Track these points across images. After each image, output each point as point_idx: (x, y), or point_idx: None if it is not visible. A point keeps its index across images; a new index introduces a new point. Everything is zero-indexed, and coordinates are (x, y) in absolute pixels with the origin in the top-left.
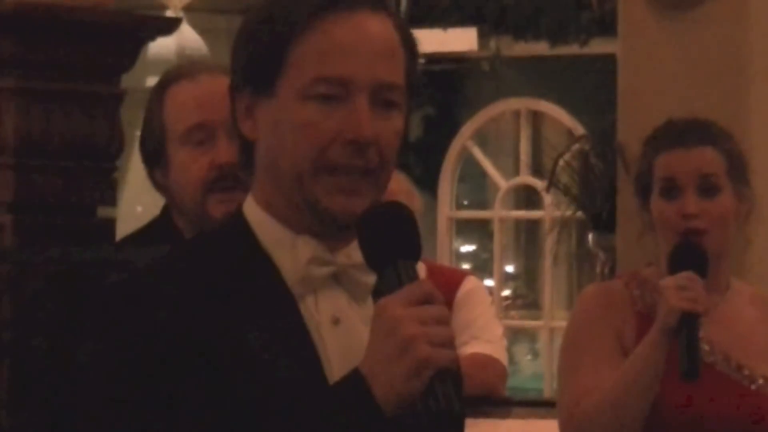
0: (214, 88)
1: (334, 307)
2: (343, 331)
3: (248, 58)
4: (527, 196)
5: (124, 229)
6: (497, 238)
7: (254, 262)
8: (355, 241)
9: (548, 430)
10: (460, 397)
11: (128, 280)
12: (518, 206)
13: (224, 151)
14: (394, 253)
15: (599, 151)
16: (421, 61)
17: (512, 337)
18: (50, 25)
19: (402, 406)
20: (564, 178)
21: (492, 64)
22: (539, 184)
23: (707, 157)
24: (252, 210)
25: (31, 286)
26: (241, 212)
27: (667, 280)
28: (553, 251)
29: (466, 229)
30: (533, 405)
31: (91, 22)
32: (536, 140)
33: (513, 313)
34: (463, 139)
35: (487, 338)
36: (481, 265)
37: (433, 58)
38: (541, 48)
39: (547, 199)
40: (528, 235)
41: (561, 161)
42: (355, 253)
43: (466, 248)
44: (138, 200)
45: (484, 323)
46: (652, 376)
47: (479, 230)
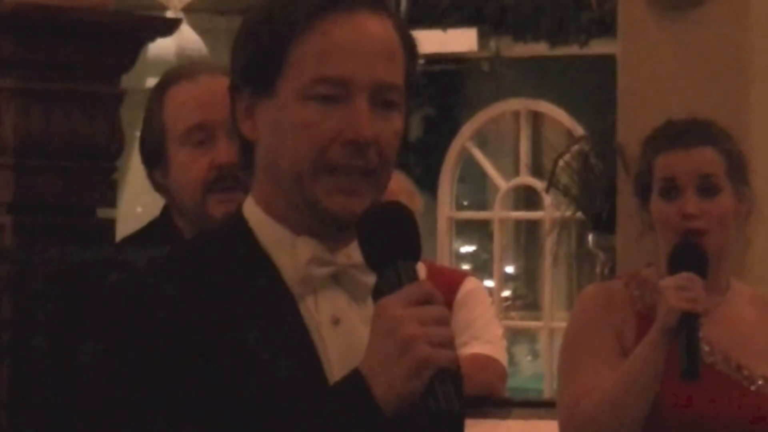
0: (214, 89)
1: (334, 308)
2: (343, 332)
3: (248, 59)
4: (527, 197)
5: (124, 229)
6: (497, 239)
7: (254, 263)
8: (355, 242)
9: (548, 430)
10: (460, 397)
11: (128, 280)
12: (518, 207)
13: (224, 152)
14: (394, 253)
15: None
16: (421, 61)
17: (512, 338)
18: (50, 26)
19: (402, 406)
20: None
21: (492, 65)
22: (539, 185)
23: (707, 158)
24: (252, 210)
25: (31, 286)
26: (240, 212)
27: (667, 281)
28: (553, 252)
29: (466, 229)
30: (533, 405)
31: (91, 23)
32: (536, 141)
33: (513, 314)
34: (463, 140)
35: (487, 339)
36: (481, 266)
37: (433, 59)
38: (541, 48)
39: (547, 199)
40: (528, 236)
41: (561, 162)
42: (355, 254)
43: (466, 249)
44: (138, 201)
45: (484, 324)
46: (652, 376)
47: (479, 231)
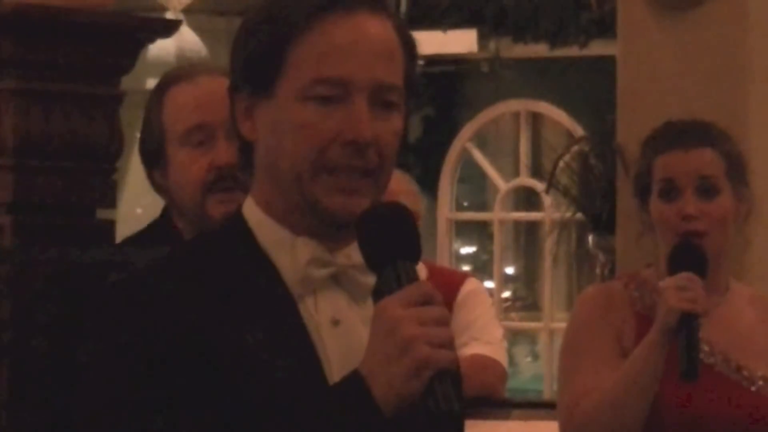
0: (214, 90)
1: (334, 308)
2: (343, 332)
3: (247, 59)
4: (527, 198)
5: (124, 230)
6: (497, 240)
7: (254, 263)
8: (355, 242)
9: (548, 431)
10: (460, 397)
11: (128, 280)
12: (518, 208)
13: (223, 152)
14: (394, 254)
15: (599, 152)
16: (421, 62)
17: (512, 339)
18: (50, 27)
19: (401, 407)
20: (564, 180)
21: (492, 66)
22: (539, 186)
23: (706, 159)
24: (251, 211)
25: (30, 286)
26: (240, 213)
27: (667, 281)
28: (553, 252)
29: (465, 230)
30: (533, 406)
31: (90, 24)
32: (536, 142)
33: (513, 315)
34: (463, 141)
35: (487, 339)
36: (481, 267)
37: (433, 60)
38: (541, 49)
39: (547, 200)
40: (528, 237)
41: (560, 162)
42: (354, 254)
43: (466, 250)
44: (138, 202)
45: (484, 325)
46: (652, 376)
47: (479, 232)
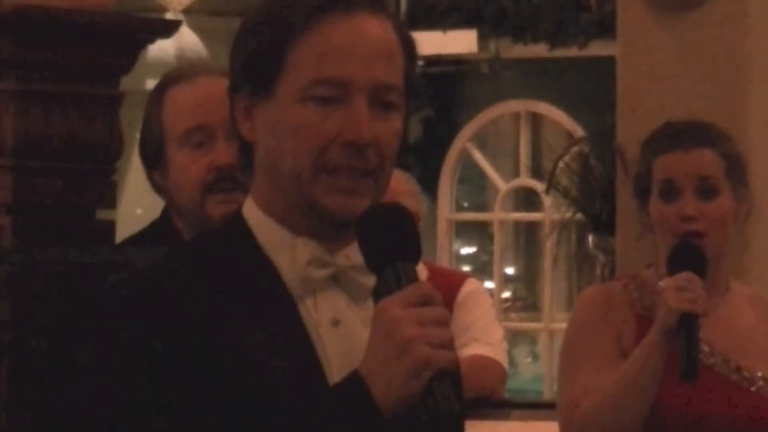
0: (213, 90)
1: (334, 309)
2: (343, 333)
3: (247, 60)
4: (527, 198)
5: (124, 231)
6: (497, 240)
7: (253, 264)
8: (355, 243)
9: (548, 431)
10: (460, 398)
11: (127, 281)
12: (518, 208)
13: (223, 153)
14: (394, 255)
15: (599, 153)
16: (421, 63)
17: (512, 339)
18: (49, 27)
19: (401, 407)
20: (563, 180)
21: (491, 66)
22: (539, 186)
23: (706, 159)
24: (251, 211)
25: (30, 287)
26: (240, 213)
27: (667, 281)
28: (553, 253)
29: (465, 231)
30: (533, 407)
31: (90, 24)
32: (536, 142)
33: (513, 315)
34: (463, 141)
35: (487, 340)
36: (481, 267)
37: (433, 60)
38: (541, 50)
39: (547, 201)
40: (528, 237)
41: (560, 163)
42: (354, 255)
43: (466, 250)
44: (138, 202)
45: (484, 325)
46: (652, 376)
47: (479, 232)
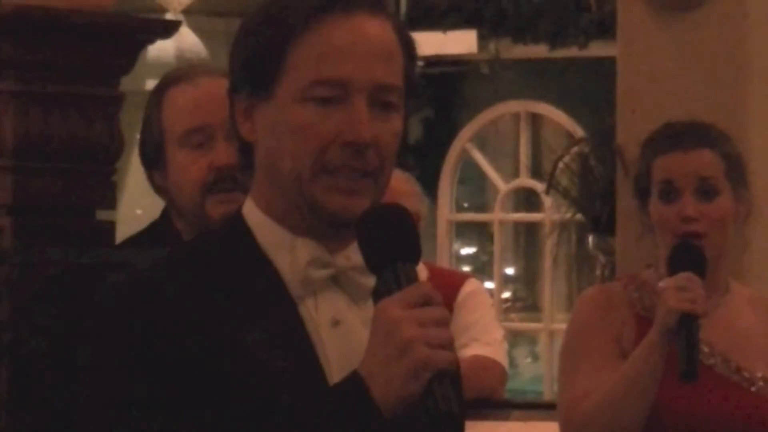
0: (213, 91)
1: (334, 309)
2: (343, 333)
3: (246, 60)
4: (527, 199)
5: (124, 231)
6: (497, 241)
7: (253, 264)
8: (355, 243)
9: None
10: (460, 399)
11: (127, 281)
12: (518, 209)
13: (223, 153)
14: (394, 255)
15: (598, 153)
16: (421, 63)
17: (512, 340)
18: (49, 28)
19: (401, 408)
20: (563, 181)
21: (491, 67)
22: (539, 187)
23: (705, 160)
24: (251, 212)
25: (30, 287)
26: (240, 214)
27: (667, 281)
28: (553, 254)
29: (465, 231)
30: (533, 407)
31: (90, 25)
32: (536, 143)
33: (513, 316)
34: (463, 142)
35: (487, 341)
36: (481, 268)
37: (433, 61)
38: (541, 50)
39: (547, 201)
40: (528, 238)
41: (560, 164)
42: (354, 255)
43: (466, 251)
44: (138, 203)
45: (484, 326)
46: (652, 377)
47: (479, 233)
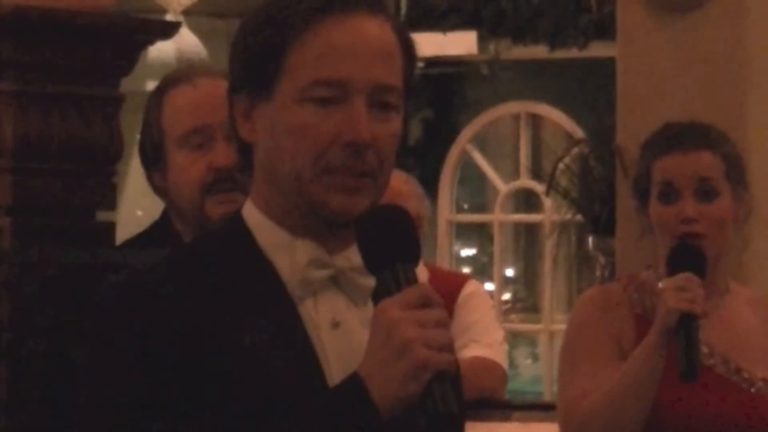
0: (213, 92)
1: (334, 310)
2: (343, 334)
3: (246, 61)
4: (527, 200)
5: (124, 232)
6: (497, 242)
7: (253, 265)
8: (355, 244)
9: None
10: (460, 400)
11: (127, 282)
12: (518, 209)
13: (222, 154)
14: (393, 257)
15: (598, 154)
16: (421, 64)
17: (512, 341)
18: (49, 29)
19: (400, 409)
20: (563, 182)
21: (491, 68)
22: (539, 188)
23: (705, 161)
24: (251, 213)
25: (29, 288)
26: (239, 215)
27: (666, 282)
28: (553, 254)
29: (465, 232)
30: (533, 408)
31: (90, 26)
32: (536, 143)
33: (513, 317)
34: (463, 143)
35: (487, 342)
36: (481, 269)
37: (433, 62)
38: (540, 51)
39: (547, 202)
40: (528, 239)
41: (560, 164)
42: (354, 256)
43: (466, 252)
44: (138, 204)
45: (484, 327)
46: (651, 377)
47: (479, 234)
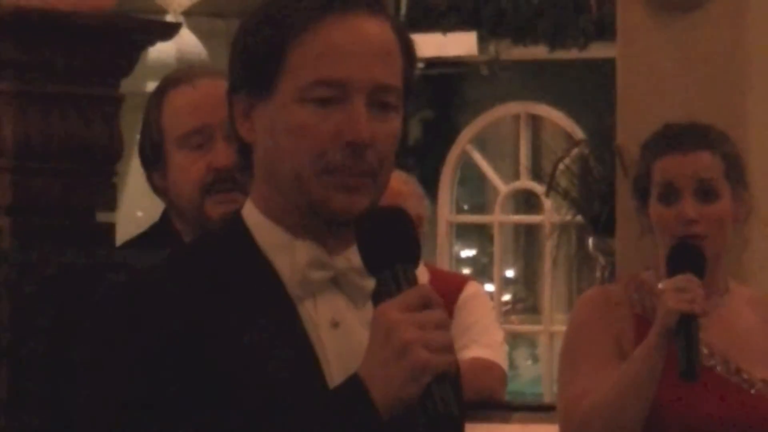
0: (213, 92)
1: (334, 311)
2: (343, 335)
3: (246, 61)
4: (527, 200)
5: (124, 233)
6: (497, 242)
7: (253, 266)
8: (354, 245)
9: None
10: (460, 401)
11: (127, 282)
12: (518, 210)
13: (222, 154)
14: (393, 258)
15: (598, 154)
16: (421, 65)
17: (512, 342)
18: (49, 29)
19: (400, 410)
20: (563, 182)
21: (491, 68)
22: (539, 188)
23: (705, 162)
24: (251, 213)
25: (29, 288)
26: (239, 215)
27: (666, 283)
28: (553, 255)
29: (465, 233)
30: (533, 409)
31: (90, 26)
32: (536, 144)
33: (513, 318)
34: (463, 143)
35: (487, 342)
36: (481, 270)
37: (433, 62)
38: (540, 52)
39: (547, 203)
40: (528, 239)
41: (560, 165)
42: (354, 257)
43: (466, 252)
44: (138, 204)
45: (484, 328)
46: (651, 377)
47: (479, 234)
